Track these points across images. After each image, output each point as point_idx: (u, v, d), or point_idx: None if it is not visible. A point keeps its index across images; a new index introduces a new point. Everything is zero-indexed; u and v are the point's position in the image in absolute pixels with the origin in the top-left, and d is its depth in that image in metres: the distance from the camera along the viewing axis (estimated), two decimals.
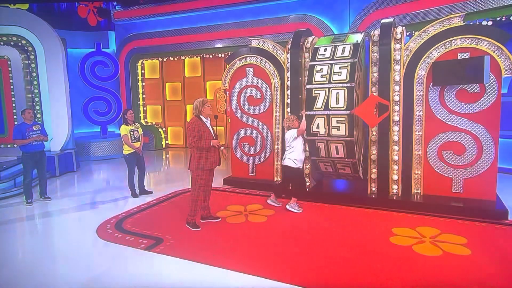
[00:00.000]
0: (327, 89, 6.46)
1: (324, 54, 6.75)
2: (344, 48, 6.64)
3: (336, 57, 6.59)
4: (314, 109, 6.50)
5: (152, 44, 14.05)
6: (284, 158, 6.46)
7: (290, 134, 6.35)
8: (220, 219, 5.98)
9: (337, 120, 6.32)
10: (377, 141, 6.56)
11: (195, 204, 5.62)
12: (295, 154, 6.31)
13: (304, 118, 6.44)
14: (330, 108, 6.38)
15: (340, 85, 6.38)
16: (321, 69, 6.62)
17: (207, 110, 5.57)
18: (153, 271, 4.36)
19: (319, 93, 6.50)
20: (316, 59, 6.75)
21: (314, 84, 6.60)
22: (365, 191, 6.80)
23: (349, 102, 6.26)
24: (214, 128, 5.76)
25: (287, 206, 6.37)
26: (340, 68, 6.48)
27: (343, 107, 6.29)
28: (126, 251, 4.93)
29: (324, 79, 6.53)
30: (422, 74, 6.26)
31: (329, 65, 6.58)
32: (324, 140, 6.49)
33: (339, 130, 6.33)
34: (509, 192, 6.79)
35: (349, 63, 6.43)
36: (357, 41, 6.64)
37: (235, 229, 5.61)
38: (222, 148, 5.75)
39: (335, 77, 6.44)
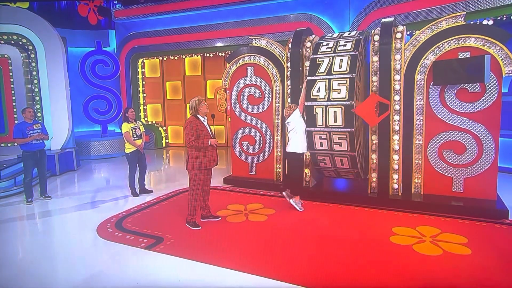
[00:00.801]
0: (331, 57, 6.62)
1: (331, 36, 7.12)
2: (350, 32, 7.03)
3: (343, 36, 6.91)
4: (317, 74, 6.60)
5: (152, 43, 14.05)
6: (288, 145, 6.46)
7: (292, 117, 6.38)
8: (220, 218, 5.98)
9: (338, 83, 6.40)
10: (377, 144, 6.56)
11: (194, 203, 5.62)
12: (297, 139, 6.33)
13: (303, 92, 6.58)
14: (333, 73, 6.48)
15: (345, 53, 6.54)
16: (327, 43, 6.85)
17: (203, 108, 5.55)
18: (153, 270, 4.37)
19: (323, 60, 6.66)
20: (324, 39, 7.03)
21: (319, 54, 6.75)
22: (365, 191, 6.79)
23: (352, 66, 6.36)
24: (212, 127, 5.75)
25: (291, 201, 6.36)
26: (345, 42, 6.70)
27: (345, 71, 6.39)
28: (126, 250, 4.93)
29: (330, 50, 6.74)
30: (422, 78, 6.26)
31: (335, 41, 6.81)
32: (323, 105, 6.49)
33: (340, 93, 6.37)
34: (509, 192, 6.78)
35: (354, 39, 6.67)
36: (363, 30, 7.02)
37: (235, 228, 5.61)
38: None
39: (340, 48, 6.66)
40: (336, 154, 6.67)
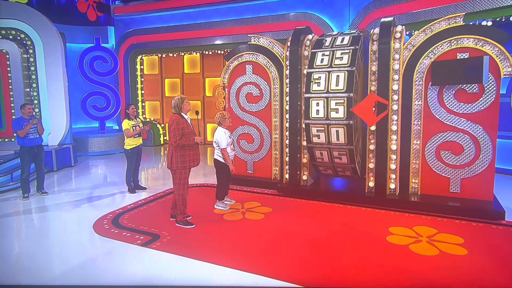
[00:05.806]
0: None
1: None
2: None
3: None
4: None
5: (151, 39, 14.02)
6: (215, 153, 6.42)
7: (218, 135, 6.20)
8: (193, 226, 5.62)
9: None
10: (375, 143, 6.56)
11: (182, 202, 5.58)
12: (220, 152, 6.31)
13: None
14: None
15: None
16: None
17: (187, 106, 5.48)
18: (149, 267, 4.36)
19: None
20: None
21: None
22: (362, 190, 6.80)
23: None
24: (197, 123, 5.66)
25: (215, 205, 6.46)
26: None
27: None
28: (123, 246, 4.92)
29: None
30: (421, 73, 6.25)
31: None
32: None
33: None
34: (506, 193, 6.80)
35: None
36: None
37: (232, 226, 5.61)
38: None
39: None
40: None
